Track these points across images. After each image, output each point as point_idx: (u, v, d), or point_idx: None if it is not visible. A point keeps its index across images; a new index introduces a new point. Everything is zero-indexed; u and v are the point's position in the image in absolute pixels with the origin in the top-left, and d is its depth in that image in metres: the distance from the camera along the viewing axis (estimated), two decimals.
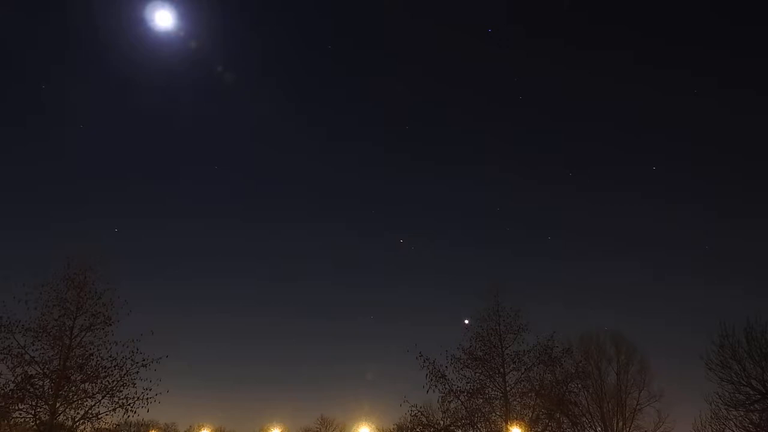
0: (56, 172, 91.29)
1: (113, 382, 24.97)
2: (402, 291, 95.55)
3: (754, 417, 27.11)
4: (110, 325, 25.63)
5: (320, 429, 64.57)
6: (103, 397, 24.84)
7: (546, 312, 72.06)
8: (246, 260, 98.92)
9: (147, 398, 24.89)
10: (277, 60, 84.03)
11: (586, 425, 40.27)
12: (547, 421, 29.71)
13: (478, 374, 29.90)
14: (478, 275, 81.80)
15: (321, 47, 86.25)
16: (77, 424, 24.59)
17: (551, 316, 64.20)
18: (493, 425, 29.52)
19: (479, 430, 29.67)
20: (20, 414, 23.71)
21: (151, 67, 68.81)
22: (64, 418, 24.48)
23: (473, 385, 29.73)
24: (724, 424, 27.90)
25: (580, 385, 33.27)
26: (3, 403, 23.29)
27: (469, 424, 29.81)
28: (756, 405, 26.81)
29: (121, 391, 24.91)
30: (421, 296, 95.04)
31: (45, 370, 24.20)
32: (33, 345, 24.21)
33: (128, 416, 24.94)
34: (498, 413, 29.65)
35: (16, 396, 23.39)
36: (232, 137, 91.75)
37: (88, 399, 24.74)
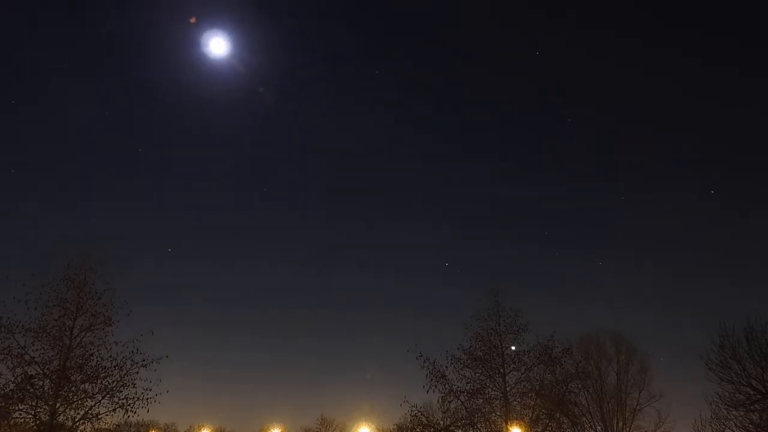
0: (62, 174, 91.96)
1: (113, 382, 24.94)
2: (403, 290, 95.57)
3: (754, 417, 27.07)
4: (110, 325, 25.64)
5: (320, 429, 64.60)
6: (103, 398, 24.81)
7: (546, 312, 72.07)
8: (247, 261, 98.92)
9: (147, 398, 24.88)
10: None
11: (586, 425, 40.27)
12: (547, 421, 29.71)
13: (478, 374, 29.91)
14: (479, 275, 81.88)
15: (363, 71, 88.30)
16: (77, 424, 24.56)
17: (551, 316, 64.22)
18: (493, 425, 29.52)
19: (479, 430, 29.67)
20: (20, 414, 23.68)
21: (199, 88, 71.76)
22: (64, 418, 24.46)
23: (473, 385, 29.72)
24: (724, 424, 27.86)
25: (580, 385, 33.23)
26: (3, 404, 23.25)
27: (469, 424, 29.80)
28: (756, 405, 26.79)
29: (121, 392, 24.90)
30: (423, 295, 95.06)
31: (45, 371, 24.18)
32: (33, 345, 24.20)
33: (128, 416, 24.95)
34: (498, 413, 29.64)
35: (16, 396, 23.37)
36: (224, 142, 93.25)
37: (88, 399, 24.72)
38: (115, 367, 25.04)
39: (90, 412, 24.69)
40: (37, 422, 23.87)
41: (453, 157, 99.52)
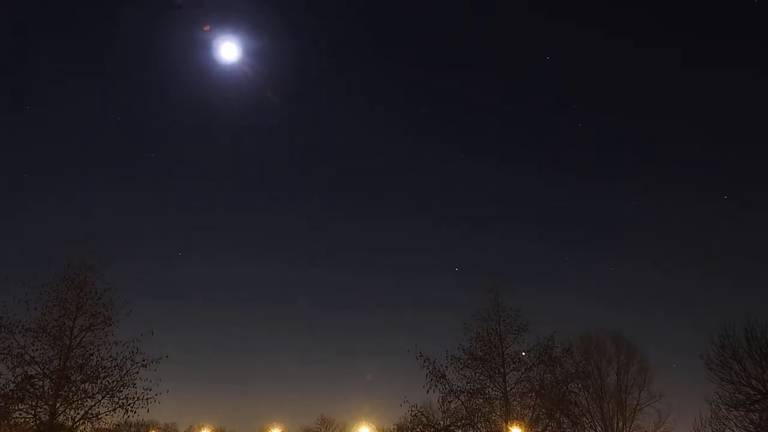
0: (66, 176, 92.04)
1: (113, 382, 24.98)
2: (404, 290, 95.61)
3: (754, 417, 27.06)
4: (110, 325, 25.69)
5: (320, 429, 64.60)
6: (103, 398, 24.85)
7: (546, 312, 72.09)
8: (247, 260, 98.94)
9: (147, 398, 24.92)
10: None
11: (586, 425, 40.28)
12: (547, 421, 29.71)
13: (478, 374, 29.93)
14: (479, 275, 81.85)
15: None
16: (77, 424, 24.58)
17: (551, 316, 64.13)
18: (493, 425, 29.52)
19: (479, 430, 29.67)
20: (20, 414, 23.70)
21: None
22: (64, 418, 24.49)
23: (473, 385, 29.74)
24: (724, 424, 27.85)
25: (580, 385, 33.25)
26: (3, 403, 23.27)
27: (469, 424, 29.81)
28: (756, 405, 26.78)
29: (121, 392, 24.94)
30: (423, 296, 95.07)
31: (45, 371, 24.20)
32: (33, 345, 24.24)
33: (128, 416, 24.99)
34: (498, 413, 29.65)
35: (16, 396, 23.38)
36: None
37: (88, 399, 24.75)
38: (115, 367, 25.09)
39: (90, 412, 24.73)
40: (37, 422, 23.88)
41: (453, 156, 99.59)
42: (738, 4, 74.22)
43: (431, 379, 29.60)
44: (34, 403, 23.86)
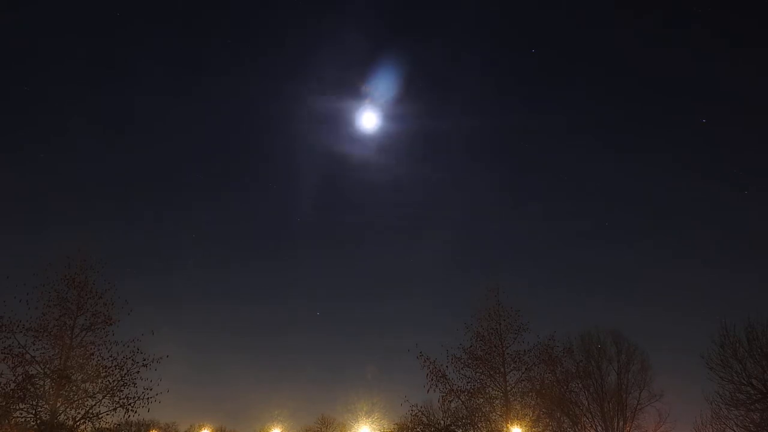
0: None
1: (114, 381, 25.04)
2: (404, 289, 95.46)
3: (754, 416, 27.10)
4: (111, 324, 25.75)
5: (320, 429, 64.56)
6: (103, 397, 24.89)
7: (546, 311, 71.96)
8: (247, 259, 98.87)
9: (147, 398, 24.98)
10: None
11: (586, 425, 40.28)
12: (547, 420, 29.72)
13: (478, 374, 29.96)
14: (479, 274, 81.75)
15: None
16: (78, 423, 24.60)
17: (552, 315, 63.99)
18: (493, 425, 29.54)
19: (480, 429, 29.69)
20: (21, 413, 23.73)
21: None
22: (65, 417, 24.52)
23: (474, 385, 29.78)
24: (724, 423, 27.89)
25: (580, 385, 33.25)
26: (4, 403, 23.30)
27: (469, 423, 29.85)
28: (757, 404, 26.82)
29: (121, 391, 25.00)
30: (423, 295, 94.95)
31: (46, 370, 24.25)
32: (34, 344, 24.31)
33: (129, 416, 25.02)
34: (498, 413, 29.67)
35: (16, 395, 23.41)
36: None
37: (88, 399, 24.81)
38: (115, 366, 25.14)
39: (91, 411, 24.76)
40: (38, 421, 23.88)
41: (454, 154, 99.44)
42: None
43: (432, 379, 29.64)
44: (34, 403, 23.88)
